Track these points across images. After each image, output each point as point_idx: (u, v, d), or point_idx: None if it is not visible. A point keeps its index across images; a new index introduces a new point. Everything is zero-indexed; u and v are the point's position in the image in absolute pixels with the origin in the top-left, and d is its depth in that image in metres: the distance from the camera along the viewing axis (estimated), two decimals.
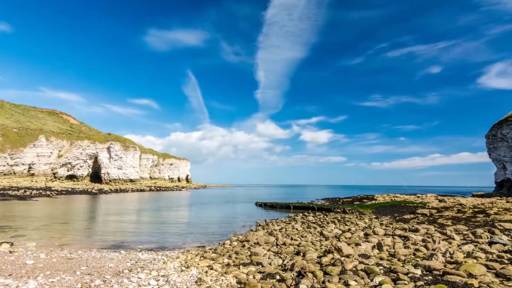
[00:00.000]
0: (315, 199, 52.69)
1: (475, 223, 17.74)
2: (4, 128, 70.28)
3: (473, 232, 13.37)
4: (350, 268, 7.84)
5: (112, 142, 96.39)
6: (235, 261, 9.62)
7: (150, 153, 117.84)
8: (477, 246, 10.58)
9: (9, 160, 66.48)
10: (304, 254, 10.00)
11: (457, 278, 6.70)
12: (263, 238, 13.35)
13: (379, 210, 29.70)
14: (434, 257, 8.43)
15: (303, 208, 33.84)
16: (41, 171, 75.16)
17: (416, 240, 11.96)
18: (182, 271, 8.43)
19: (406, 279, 6.85)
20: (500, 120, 63.45)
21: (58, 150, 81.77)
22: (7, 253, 10.47)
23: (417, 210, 26.11)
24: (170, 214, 27.52)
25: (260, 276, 7.75)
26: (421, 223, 18.63)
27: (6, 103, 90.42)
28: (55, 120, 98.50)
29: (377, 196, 50.09)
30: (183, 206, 38.80)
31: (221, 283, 7.39)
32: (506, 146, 60.06)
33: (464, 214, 22.11)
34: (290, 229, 17.09)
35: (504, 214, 20.51)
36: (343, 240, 13.01)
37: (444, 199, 41.15)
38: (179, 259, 10.14)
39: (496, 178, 64.61)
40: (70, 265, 8.96)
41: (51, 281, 7.30)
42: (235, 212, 30.86)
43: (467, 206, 28.98)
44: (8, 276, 7.65)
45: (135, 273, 8.15)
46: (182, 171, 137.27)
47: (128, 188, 79.02)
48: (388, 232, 14.86)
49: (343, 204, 38.40)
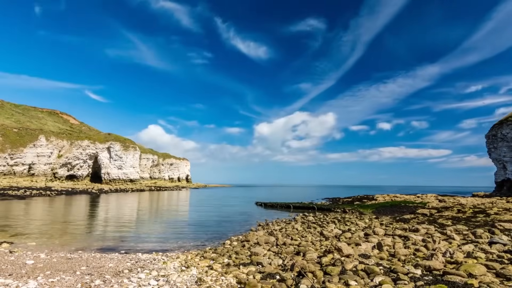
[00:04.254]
0: (315, 199, 52.69)
1: (475, 223, 17.73)
2: (4, 128, 70.27)
3: (473, 232, 13.36)
4: (350, 268, 7.83)
5: (112, 142, 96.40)
6: (235, 261, 9.61)
7: (150, 153, 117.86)
8: (477, 246, 10.57)
9: (9, 160, 66.47)
10: (304, 254, 10.00)
11: (457, 278, 6.70)
12: (263, 238, 13.35)
13: (379, 210, 29.69)
14: (434, 257, 8.43)
15: (303, 208, 33.84)
16: (41, 171, 75.13)
17: (416, 240, 11.95)
18: (182, 271, 8.43)
19: (406, 279, 6.85)
20: (500, 120, 63.44)
21: (58, 150, 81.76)
22: (7, 253, 10.46)
23: (417, 210, 26.10)
24: (170, 214, 27.51)
25: (260, 276, 7.75)
26: (421, 223, 18.63)
27: (6, 103, 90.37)
28: (55, 120, 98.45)
29: (377, 196, 50.10)
30: (183, 206, 38.79)
31: (221, 283, 7.39)
32: (506, 146, 60.05)
33: (464, 214, 22.10)
34: (290, 229, 17.09)
35: (504, 214, 20.51)
36: (343, 240, 13.00)
37: (444, 199, 41.15)
38: (179, 259, 10.14)
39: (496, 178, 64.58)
40: (70, 265, 8.95)
41: (51, 281, 7.30)
42: (235, 212, 30.84)
43: (467, 206, 28.97)
44: (8, 276, 7.65)
45: (135, 273, 8.15)
46: (182, 171, 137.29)
47: (128, 188, 78.99)
48: (388, 232, 14.85)
49: (343, 204, 38.40)
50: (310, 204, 36.55)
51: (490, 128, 65.25)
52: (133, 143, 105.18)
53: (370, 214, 27.35)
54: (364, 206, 32.69)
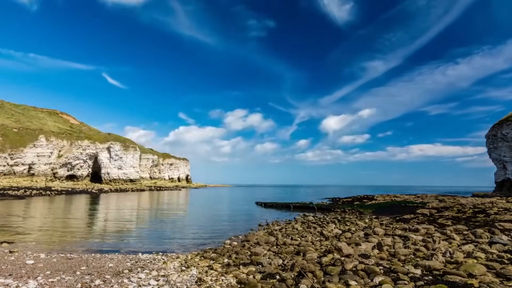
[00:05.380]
0: (315, 199, 52.68)
1: (475, 223, 17.72)
2: (4, 128, 70.26)
3: (473, 232, 13.35)
4: (350, 268, 7.83)
5: (112, 142, 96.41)
6: (235, 261, 9.61)
7: (150, 153, 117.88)
8: (477, 246, 10.56)
9: (9, 160, 66.45)
10: (304, 254, 10.00)
11: (457, 278, 6.70)
12: (263, 238, 13.35)
13: (379, 210, 29.69)
14: (434, 257, 8.43)
15: (303, 208, 33.85)
16: (41, 171, 75.11)
17: (416, 240, 11.94)
18: (182, 271, 8.43)
19: (406, 279, 6.85)
20: (500, 120, 63.48)
21: (58, 150, 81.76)
22: (7, 253, 10.46)
23: (417, 210, 26.08)
24: (170, 214, 27.50)
25: (260, 276, 7.75)
26: (421, 223, 18.62)
27: (6, 103, 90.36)
28: (55, 120, 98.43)
29: (377, 196, 50.11)
30: (183, 205, 38.79)
31: (221, 283, 7.39)
32: (506, 146, 60.07)
33: (464, 214, 22.09)
34: (290, 229, 17.08)
35: (504, 214, 20.49)
36: (343, 240, 12.99)
37: (444, 199, 41.13)
38: (179, 259, 10.14)
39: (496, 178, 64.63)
40: (70, 265, 8.95)
41: (51, 281, 7.30)
42: (235, 212, 30.84)
43: (467, 206, 28.96)
44: (8, 276, 7.65)
45: (135, 273, 8.14)
46: (182, 171, 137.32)
47: (128, 188, 78.99)
48: (388, 232, 14.84)
49: (343, 204, 38.41)
50: (310, 204, 36.54)
51: (490, 128, 65.29)
52: (133, 143, 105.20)
53: (370, 214, 27.36)
54: (364, 206, 32.69)
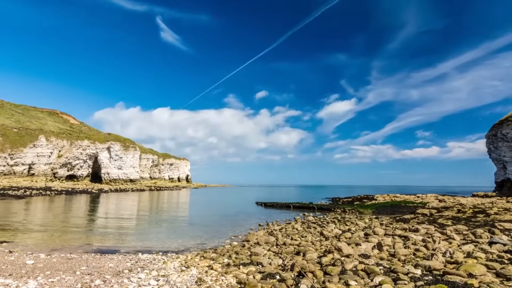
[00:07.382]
0: (315, 199, 52.67)
1: (475, 223, 17.72)
2: (4, 128, 70.24)
3: (473, 232, 13.35)
4: (350, 268, 7.83)
5: (112, 142, 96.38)
6: (235, 261, 9.61)
7: (150, 153, 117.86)
8: (477, 246, 10.56)
9: (9, 160, 66.44)
10: (304, 254, 10.00)
11: (457, 278, 6.69)
12: (263, 238, 13.35)
13: (379, 210, 29.71)
14: (434, 257, 8.42)
15: (303, 208, 33.86)
16: (41, 171, 75.10)
17: (416, 240, 11.94)
18: (182, 271, 8.43)
19: (406, 279, 6.85)
20: (500, 120, 63.45)
21: (58, 150, 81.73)
22: (7, 253, 10.46)
23: (417, 210, 26.08)
24: (170, 214, 27.50)
25: (260, 276, 7.75)
26: (421, 223, 18.62)
27: (6, 103, 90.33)
28: (55, 120, 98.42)
29: (377, 196, 50.10)
30: (183, 205, 38.79)
31: (221, 283, 7.39)
32: (506, 146, 60.07)
33: (464, 214, 22.09)
34: (290, 229, 17.08)
35: (504, 214, 20.50)
36: (343, 240, 12.99)
37: (444, 199, 41.14)
38: (179, 259, 10.14)
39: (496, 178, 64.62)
40: (70, 265, 8.95)
41: (51, 281, 7.29)
42: (235, 212, 30.83)
43: (467, 206, 28.95)
44: (8, 276, 7.64)
45: (135, 273, 8.14)
46: (182, 171, 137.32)
47: (128, 188, 78.99)
48: (388, 232, 14.84)
49: (343, 204, 38.42)
50: (310, 204, 36.55)
51: (490, 128, 65.26)
52: (133, 143, 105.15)
53: (370, 214, 27.37)
54: (364, 206, 32.70)
